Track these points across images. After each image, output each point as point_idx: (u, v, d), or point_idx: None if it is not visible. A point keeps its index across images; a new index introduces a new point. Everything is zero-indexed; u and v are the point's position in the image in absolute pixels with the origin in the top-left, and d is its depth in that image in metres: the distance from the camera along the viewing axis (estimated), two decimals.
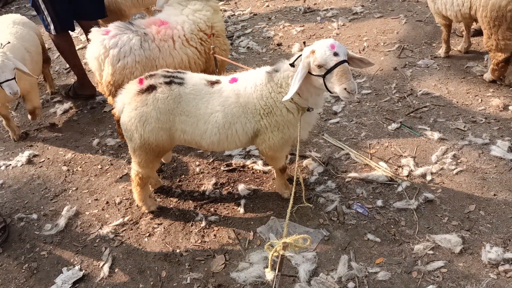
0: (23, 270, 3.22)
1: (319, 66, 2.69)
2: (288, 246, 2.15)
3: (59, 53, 5.42)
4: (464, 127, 4.08)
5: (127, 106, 2.98)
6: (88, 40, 3.86)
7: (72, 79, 5.64)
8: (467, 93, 4.55)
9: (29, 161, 4.31)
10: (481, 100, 4.41)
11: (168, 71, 3.08)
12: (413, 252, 3.03)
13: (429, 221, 3.24)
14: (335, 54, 2.65)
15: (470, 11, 4.25)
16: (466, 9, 4.26)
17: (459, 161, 3.72)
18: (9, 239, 3.47)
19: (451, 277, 2.85)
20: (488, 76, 4.60)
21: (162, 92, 2.92)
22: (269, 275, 2.25)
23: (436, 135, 3.97)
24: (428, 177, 3.58)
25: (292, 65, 2.84)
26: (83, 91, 5.20)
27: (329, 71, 2.67)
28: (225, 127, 2.99)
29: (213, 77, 3.15)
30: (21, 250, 3.38)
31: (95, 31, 3.71)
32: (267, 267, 2.93)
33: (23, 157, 4.33)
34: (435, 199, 3.39)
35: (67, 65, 5.71)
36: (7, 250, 3.39)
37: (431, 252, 3.02)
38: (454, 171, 3.61)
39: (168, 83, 2.95)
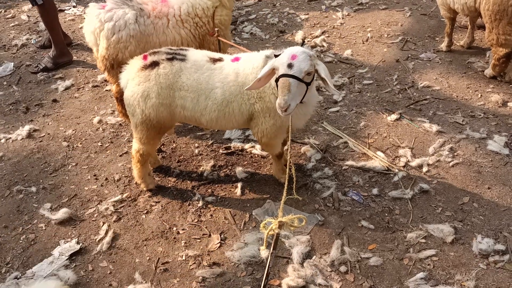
0: (20, 241, 3.26)
1: (275, 69, 2.69)
2: (284, 225, 2.19)
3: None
4: (462, 121, 4.11)
5: (130, 81, 3.01)
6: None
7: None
8: (467, 88, 4.58)
9: (29, 135, 4.33)
10: (481, 95, 4.44)
11: (171, 48, 3.10)
12: (406, 240, 3.09)
13: (423, 211, 3.29)
14: (289, 65, 2.61)
15: (475, 4, 4.27)
16: (472, 2, 4.28)
17: (455, 154, 3.76)
18: (8, 210, 3.51)
19: (441, 266, 2.91)
20: (489, 72, 4.63)
21: (164, 67, 2.95)
22: (264, 252, 2.29)
23: (434, 128, 4.01)
24: (425, 168, 3.63)
25: (277, 56, 2.79)
26: (63, 59, 5.48)
27: (278, 78, 2.66)
28: (223, 105, 3.02)
29: (216, 55, 3.17)
30: (19, 222, 3.42)
31: (92, 6, 3.76)
32: (262, 246, 3.02)
33: (23, 131, 4.35)
34: (430, 189, 3.43)
35: None
36: (5, 221, 3.42)
37: (423, 240, 3.07)
38: (450, 164, 3.65)
39: (170, 59, 2.98)
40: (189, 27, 3.85)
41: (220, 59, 3.09)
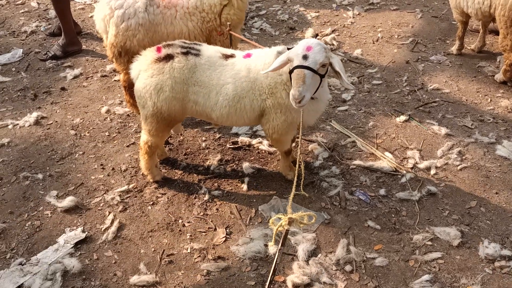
0: (26, 228, 3.26)
1: (290, 60, 2.69)
2: (293, 222, 2.18)
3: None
4: (471, 125, 4.10)
5: (143, 73, 2.99)
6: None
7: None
8: (477, 92, 4.56)
9: (37, 122, 4.32)
10: (491, 100, 4.42)
11: (185, 42, 3.09)
12: (412, 242, 3.08)
13: (430, 213, 3.28)
14: (304, 56, 2.61)
15: (490, 9, 4.24)
16: (486, 7, 4.25)
17: (464, 157, 3.75)
18: (13, 196, 3.51)
19: (447, 269, 2.90)
20: (499, 76, 4.61)
21: (179, 61, 2.94)
22: (272, 249, 2.29)
23: (443, 131, 3.99)
24: (432, 171, 3.61)
25: (290, 49, 2.79)
26: (73, 47, 5.47)
27: (292, 70, 2.66)
28: (234, 100, 3.01)
29: (228, 51, 3.16)
30: (24, 208, 3.42)
31: None
32: (267, 243, 3.02)
33: (31, 117, 4.35)
34: (438, 192, 3.42)
35: None
36: (11, 207, 3.42)
37: (429, 243, 3.06)
38: (459, 167, 3.64)
39: (185, 54, 2.97)
40: (196, 20, 3.85)
41: (232, 55, 3.08)
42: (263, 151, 3.91)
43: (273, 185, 3.56)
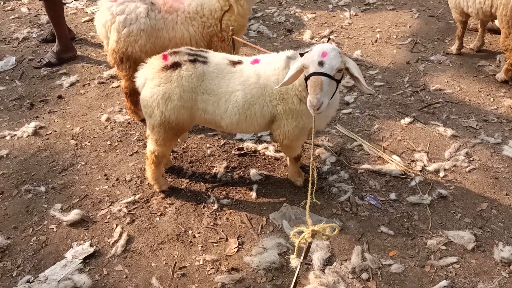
0: (31, 243, 3.17)
1: (305, 67, 2.64)
2: (316, 234, 2.14)
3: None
4: (476, 125, 4.09)
5: (149, 81, 2.92)
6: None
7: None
8: (479, 91, 4.56)
9: (36, 133, 4.21)
10: (493, 99, 4.43)
11: (191, 49, 3.02)
12: (426, 247, 3.05)
13: (442, 217, 3.26)
14: (320, 63, 2.55)
15: (491, 9, 4.24)
16: (488, 7, 4.25)
17: (471, 159, 3.74)
18: (16, 210, 3.41)
19: (463, 273, 2.88)
20: (500, 76, 4.62)
21: (187, 69, 2.87)
22: (294, 262, 2.24)
23: (449, 132, 3.98)
24: (441, 173, 3.60)
25: (301, 55, 2.74)
26: (67, 54, 5.35)
27: (308, 76, 2.61)
28: (244, 108, 2.96)
29: (235, 57, 3.11)
30: (28, 223, 3.32)
31: None
32: (281, 253, 2.97)
33: (29, 128, 4.23)
34: (448, 195, 3.40)
35: None
36: (14, 222, 3.32)
37: (444, 247, 3.04)
38: (467, 169, 3.63)
39: (193, 61, 2.90)
40: (197, 25, 3.82)
41: (239, 62, 3.03)
42: (270, 157, 3.85)
43: (282, 192, 3.51)
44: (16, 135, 4.18)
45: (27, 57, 5.49)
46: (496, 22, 5.23)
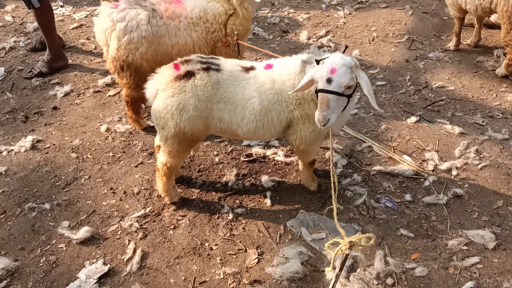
0: (41, 264, 3.03)
1: (315, 81, 2.61)
2: (354, 245, 2.07)
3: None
4: (482, 121, 4.10)
5: (161, 92, 2.81)
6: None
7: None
8: (481, 87, 4.57)
9: (33, 147, 4.05)
10: (496, 95, 4.44)
11: (202, 57, 2.93)
12: (448, 248, 3.02)
13: (459, 217, 3.24)
14: (328, 80, 2.50)
15: (490, 5, 4.25)
16: (487, 3, 4.26)
17: (481, 156, 3.74)
18: (21, 230, 3.26)
19: (487, 273, 2.86)
20: (501, 71, 4.64)
21: (201, 78, 2.77)
22: (330, 274, 2.17)
23: (456, 130, 3.98)
24: (454, 172, 3.58)
25: (318, 62, 2.68)
26: (59, 62, 5.18)
27: (317, 91, 2.58)
28: (261, 114, 2.89)
29: (247, 63, 3.02)
30: (36, 243, 3.18)
31: (104, 5, 3.67)
32: (303, 262, 2.90)
33: (26, 142, 4.07)
34: (464, 194, 3.39)
35: None
36: (21, 243, 3.17)
37: (465, 247, 3.02)
38: (479, 166, 3.62)
39: (206, 69, 2.81)
40: (200, 31, 3.72)
41: (252, 68, 2.95)
42: (280, 162, 3.78)
43: (297, 198, 3.44)
44: (13, 150, 4.01)
45: (16, 67, 5.30)
46: (492, 17, 5.27)
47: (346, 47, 2.72)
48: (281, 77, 2.88)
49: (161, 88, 2.82)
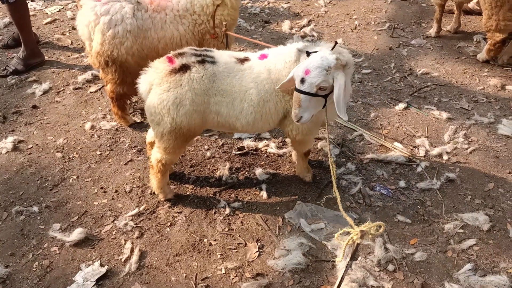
0: (34, 269, 2.91)
1: (294, 78, 2.64)
2: (365, 234, 2.07)
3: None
4: (468, 106, 4.17)
5: (156, 87, 2.72)
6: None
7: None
8: (464, 73, 4.65)
9: (15, 148, 3.89)
10: (479, 80, 4.53)
11: (196, 49, 2.86)
12: (444, 232, 3.07)
13: (453, 200, 3.29)
14: (302, 80, 2.55)
15: None
16: None
17: (470, 140, 3.81)
18: (10, 235, 3.13)
19: (484, 255, 2.92)
20: (482, 56, 4.73)
21: (197, 71, 2.70)
22: (341, 264, 2.16)
23: (444, 115, 4.04)
24: (445, 157, 3.64)
25: (308, 54, 2.64)
26: (35, 59, 5.00)
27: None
28: (259, 105, 2.85)
29: (241, 54, 2.97)
30: (26, 247, 3.06)
31: None
32: (304, 253, 2.89)
33: (7, 143, 3.90)
34: (456, 178, 3.44)
35: None
36: (10, 248, 3.05)
37: (461, 230, 3.07)
38: (468, 150, 3.69)
39: (201, 62, 2.74)
40: (187, 23, 3.62)
41: (246, 59, 2.90)
42: (272, 154, 3.75)
43: (293, 189, 3.43)
44: None
45: None
46: (470, 3, 5.35)
47: (336, 43, 2.67)
48: (276, 67, 2.84)
49: (155, 82, 2.73)
